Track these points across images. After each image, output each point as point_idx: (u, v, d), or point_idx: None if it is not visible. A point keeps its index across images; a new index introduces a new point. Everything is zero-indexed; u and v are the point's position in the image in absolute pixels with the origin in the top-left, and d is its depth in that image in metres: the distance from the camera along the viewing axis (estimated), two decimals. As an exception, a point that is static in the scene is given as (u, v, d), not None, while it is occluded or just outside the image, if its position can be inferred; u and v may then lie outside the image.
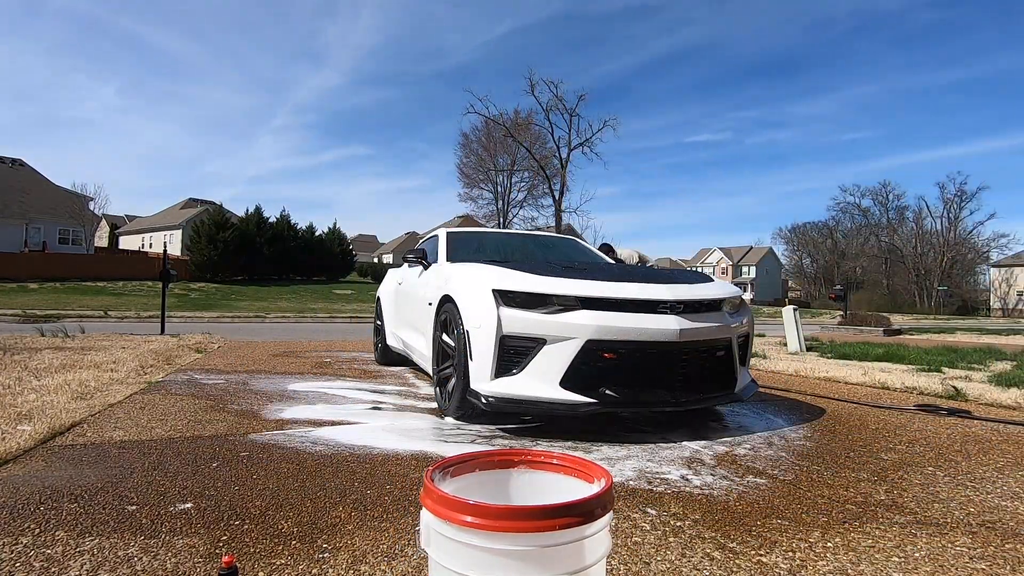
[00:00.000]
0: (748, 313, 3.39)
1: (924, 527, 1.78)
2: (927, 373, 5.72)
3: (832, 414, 3.61)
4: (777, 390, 4.57)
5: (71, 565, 1.43)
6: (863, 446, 2.81)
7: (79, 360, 5.20)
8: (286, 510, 1.84)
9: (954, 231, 56.90)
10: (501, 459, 1.14)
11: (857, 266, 61.04)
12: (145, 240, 47.25)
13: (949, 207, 56.69)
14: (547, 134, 37.12)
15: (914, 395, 4.37)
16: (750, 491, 2.12)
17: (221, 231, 33.69)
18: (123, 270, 32.57)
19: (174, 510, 1.82)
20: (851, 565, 1.51)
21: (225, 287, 30.66)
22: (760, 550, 1.60)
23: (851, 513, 1.90)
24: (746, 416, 3.52)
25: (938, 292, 52.05)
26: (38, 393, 3.59)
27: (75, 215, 38.22)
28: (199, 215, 41.07)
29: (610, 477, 1.02)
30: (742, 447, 2.77)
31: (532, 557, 0.89)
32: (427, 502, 0.96)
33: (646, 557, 1.55)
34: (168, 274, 10.36)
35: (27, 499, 1.88)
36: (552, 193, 36.60)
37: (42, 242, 36.66)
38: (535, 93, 36.83)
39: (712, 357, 3.07)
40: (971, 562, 1.54)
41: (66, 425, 2.87)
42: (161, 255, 14.05)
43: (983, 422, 3.38)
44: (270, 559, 1.49)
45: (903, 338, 12.74)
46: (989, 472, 2.40)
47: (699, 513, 1.89)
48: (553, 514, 0.89)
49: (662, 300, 2.93)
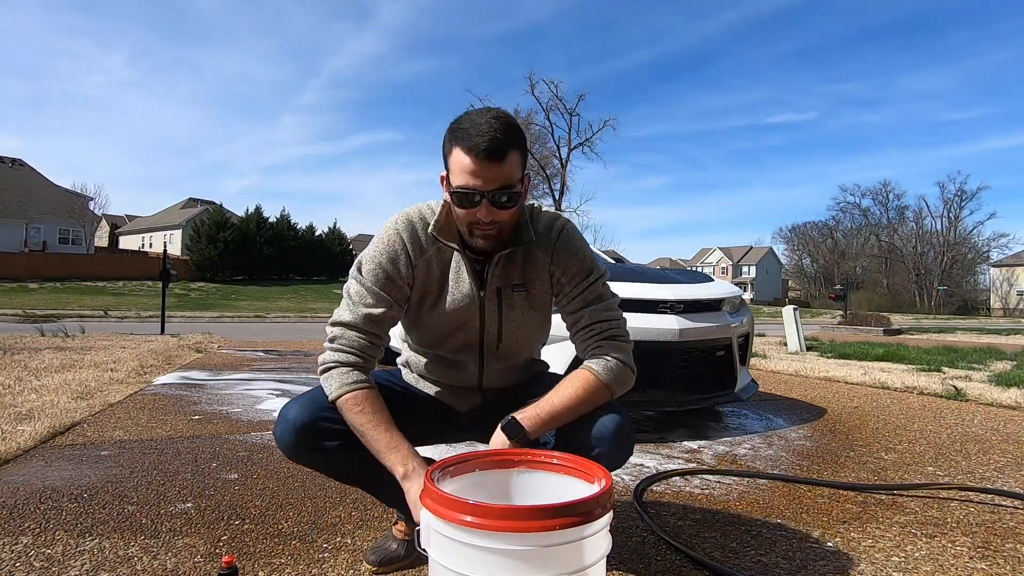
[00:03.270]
0: (748, 313, 3.39)
1: (924, 527, 1.78)
2: (927, 373, 5.73)
3: (832, 414, 3.61)
4: (777, 390, 4.57)
5: (71, 565, 1.43)
6: (863, 446, 2.81)
7: (79, 360, 5.20)
8: (286, 510, 1.84)
9: (954, 231, 56.93)
10: (501, 459, 1.14)
11: (857, 266, 61.07)
12: (145, 240, 47.26)
13: (949, 207, 56.75)
14: (547, 134, 37.13)
15: (914, 395, 4.37)
16: (750, 491, 2.12)
17: (221, 231, 33.74)
18: (123, 270, 32.60)
19: (174, 510, 1.82)
20: (851, 565, 1.51)
21: (225, 287, 30.68)
22: (760, 550, 1.60)
23: (851, 513, 1.90)
24: (746, 416, 3.52)
25: (938, 292, 52.05)
26: (38, 393, 3.59)
27: (75, 215, 38.22)
28: (199, 215, 41.11)
29: (610, 477, 1.01)
30: (742, 447, 2.77)
31: (532, 557, 0.89)
32: (427, 502, 0.95)
33: (646, 557, 1.55)
34: (168, 274, 10.37)
35: (27, 499, 1.88)
36: (552, 193, 36.59)
37: (42, 242, 36.67)
38: (535, 93, 36.92)
39: (712, 357, 3.07)
40: (971, 562, 1.54)
41: (66, 425, 2.87)
42: (161, 255, 14.05)
43: (983, 422, 3.38)
44: (270, 559, 1.49)
45: (903, 338, 12.75)
46: (989, 472, 2.40)
47: (699, 513, 1.89)
48: (553, 514, 0.89)
49: (662, 300, 2.93)
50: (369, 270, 1.31)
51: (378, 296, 1.30)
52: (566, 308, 1.39)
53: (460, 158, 1.20)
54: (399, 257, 1.32)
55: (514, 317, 1.39)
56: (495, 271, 1.34)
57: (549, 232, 1.37)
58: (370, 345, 1.29)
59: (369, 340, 1.29)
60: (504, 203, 1.22)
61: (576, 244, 1.39)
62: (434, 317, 1.38)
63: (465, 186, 1.20)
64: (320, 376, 1.28)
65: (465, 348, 1.41)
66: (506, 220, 1.26)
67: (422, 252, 1.34)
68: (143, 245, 46.52)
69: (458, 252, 1.34)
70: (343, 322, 1.29)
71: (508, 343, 1.41)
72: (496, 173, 1.19)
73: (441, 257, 1.35)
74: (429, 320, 1.39)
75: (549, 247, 1.37)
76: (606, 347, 1.32)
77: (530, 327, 1.43)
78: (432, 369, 1.47)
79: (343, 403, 1.22)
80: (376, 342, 1.30)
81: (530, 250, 1.37)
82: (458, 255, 1.35)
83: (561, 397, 1.25)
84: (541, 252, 1.37)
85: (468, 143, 1.18)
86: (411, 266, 1.33)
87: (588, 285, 1.37)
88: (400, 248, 1.32)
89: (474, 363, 1.42)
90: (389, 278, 1.31)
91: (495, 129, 1.18)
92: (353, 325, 1.28)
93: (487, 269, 1.34)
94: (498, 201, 1.21)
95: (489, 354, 1.42)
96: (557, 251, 1.37)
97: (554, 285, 1.40)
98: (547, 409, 1.23)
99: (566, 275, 1.37)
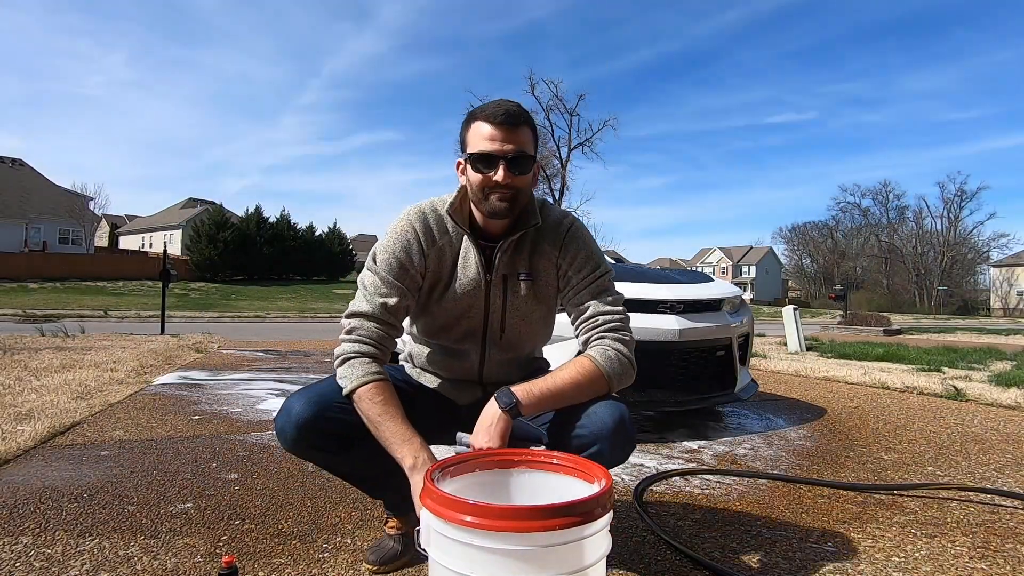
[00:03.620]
0: (748, 313, 3.39)
1: (924, 527, 1.78)
2: (927, 373, 5.72)
3: (832, 414, 3.61)
4: (777, 390, 4.57)
5: (71, 565, 1.43)
6: (863, 446, 2.81)
7: (79, 360, 5.20)
8: (286, 510, 1.84)
9: (954, 231, 56.91)
10: (501, 459, 1.14)
11: (857, 266, 61.06)
12: (145, 240, 47.25)
13: (949, 207, 56.74)
14: (547, 134, 37.10)
15: (914, 395, 4.37)
16: (750, 491, 2.12)
17: (221, 231, 33.72)
18: (123, 270, 32.59)
19: (174, 510, 1.82)
20: (851, 565, 1.51)
21: (225, 287, 30.68)
22: (760, 550, 1.60)
23: (851, 513, 1.90)
24: (746, 416, 3.52)
25: (938, 292, 52.04)
26: (38, 393, 3.59)
27: (75, 215, 38.21)
28: (199, 215, 41.10)
29: (610, 477, 1.01)
30: (742, 447, 2.77)
31: (532, 557, 0.89)
32: (427, 502, 0.95)
33: (646, 557, 1.55)
34: (168, 274, 10.37)
35: (27, 499, 1.88)
36: (552, 193, 36.56)
37: (42, 242, 36.66)
38: (535, 93, 36.84)
39: (712, 357, 3.07)
40: (971, 562, 1.54)
41: (66, 425, 2.87)
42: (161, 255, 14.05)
43: (983, 422, 3.39)
44: (270, 559, 1.49)
45: (903, 338, 12.75)
46: (989, 472, 2.40)
47: (699, 513, 1.89)
48: (553, 514, 0.89)
49: (662, 300, 2.93)
50: (383, 259, 1.35)
51: (392, 285, 1.33)
52: (572, 300, 1.41)
53: (479, 128, 1.29)
54: (412, 246, 1.36)
55: (518, 305, 1.41)
56: (503, 257, 1.37)
57: (559, 226, 1.42)
58: (387, 336, 1.32)
59: (386, 331, 1.31)
60: (519, 169, 1.29)
61: (586, 239, 1.43)
62: (442, 304, 1.41)
63: (484, 151, 1.27)
64: (337, 367, 1.29)
65: (468, 336, 1.43)
66: (521, 188, 1.31)
67: (434, 242, 1.38)
68: (143, 245, 46.51)
69: (468, 238, 1.37)
70: (361, 312, 1.31)
71: (511, 333, 1.43)
72: (513, 139, 1.28)
73: (452, 246, 1.39)
74: (437, 308, 1.42)
75: (558, 240, 1.41)
76: (608, 339, 1.34)
77: (533, 318, 1.45)
78: (434, 360, 1.49)
79: (361, 393, 1.23)
80: (392, 333, 1.33)
81: (538, 241, 1.40)
82: (468, 242, 1.38)
83: (557, 378, 1.27)
84: (549, 244, 1.41)
85: (486, 113, 1.29)
86: (423, 255, 1.37)
87: (596, 278, 1.40)
88: (413, 238, 1.36)
89: (476, 352, 1.44)
90: (403, 267, 1.34)
91: (511, 105, 1.30)
92: (371, 315, 1.31)
93: (495, 255, 1.37)
94: (514, 165, 1.28)
95: (492, 343, 1.44)
96: (566, 244, 1.41)
97: (560, 278, 1.42)
98: (541, 387, 1.24)
99: (573, 267, 1.40)
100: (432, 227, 1.37)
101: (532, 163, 1.32)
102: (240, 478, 2.15)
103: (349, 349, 1.28)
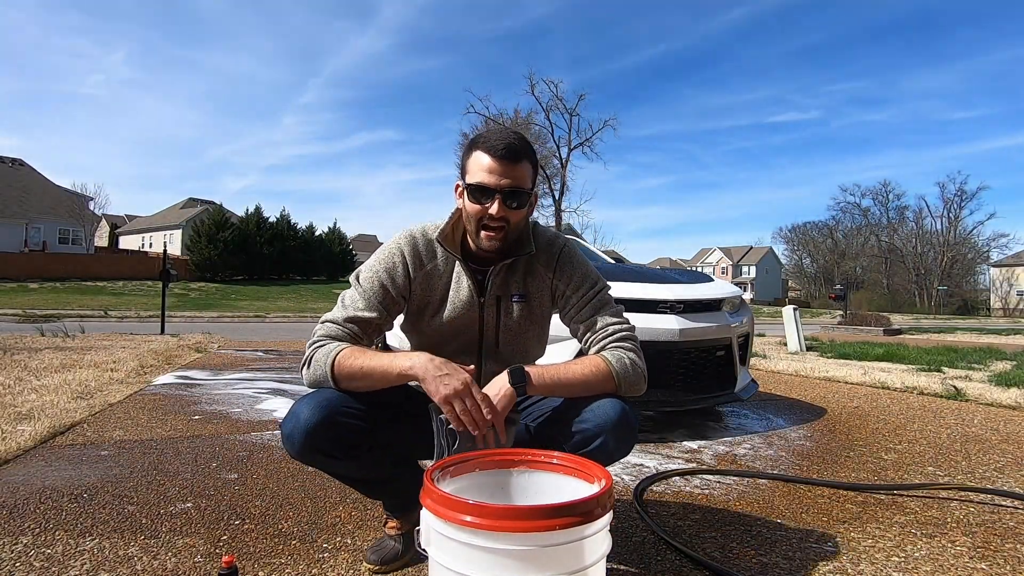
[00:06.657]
0: (748, 313, 3.39)
1: (924, 527, 1.78)
2: (927, 373, 5.72)
3: (832, 414, 3.61)
4: (777, 390, 4.57)
5: (71, 565, 1.43)
6: (863, 446, 2.81)
7: (79, 360, 5.20)
8: (286, 510, 1.84)
9: (954, 231, 56.89)
10: (501, 459, 1.14)
11: (857, 266, 61.04)
12: (145, 240, 47.22)
13: (949, 207, 56.73)
14: (547, 134, 37.06)
15: (914, 395, 4.37)
16: (750, 491, 2.12)
17: (221, 231, 33.70)
18: (123, 270, 32.56)
19: (174, 510, 1.82)
20: (851, 565, 1.51)
21: (225, 287, 30.67)
22: (760, 550, 1.60)
23: (851, 513, 1.90)
24: (746, 416, 3.52)
25: (938, 292, 52.01)
26: (38, 393, 3.59)
27: (75, 215, 38.18)
28: (199, 215, 41.07)
29: (610, 477, 1.01)
30: (742, 447, 2.77)
31: (532, 557, 0.89)
32: (427, 502, 0.96)
33: (646, 557, 1.55)
34: (168, 274, 10.37)
35: (27, 499, 1.88)
36: (552, 193, 36.55)
37: (42, 242, 36.63)
38: (535, 93, 36.80)
39: (712, 357, 3.07)
40: (971, 562, 1.54)
41: (66, 425, 2.87)
42: (161, 255, 14.05)
43: (983, 422, 3.39)
44: (270, 559, 1.49)
45: (903, 338, 12.74)
46: (989, 472, 2.40)
47: (699, 513, 1.89)
48: (553, 514, 0.89)
49: (662, 300, 2.93)
50: (366, 278, 1.38)
51: (370, 303, 1.35)
52: (575, 317, 1.43)
53: (479, 158, 1.30)
54: (397, 269, 1.38)
55: (511, 326, 1.44)
56: (495, 280, 1.40)
57: (551, 248, 1.45)
58: (352, 338, 1.32)
59: (351, 335, 1.32)
60: (515, 203, 1.31)
61: (579, 259, 1.47)
62: (434, 325, 1.43)
63: (481, 183, 1.29)
64: (305, 368, 1.29)
65: (464, 351, 1.45)
66: (514, 222, 1.33)
67: (422, 266, 1.40)
68: (143, 245, 46.48)
69: (459, 263, 1.40)
70: (332, 319, 1.34)
71: (506, 351, 1.46)
72: (510, 173, 1.29)
73: (443, 270, 1.41)
74: (429, 329, 1.44)
75: (551, 262, 1.44)
76: (622, 347, 1.36)
77: (527, 337, 1.48)
78: None
79: (340, 361, 1.24)
80: (357, 341, 1.33)
81: (531, 263, 1.43)
82: (459, 266, 1.40)
83: (569, 370, 1.29)
84: (543, 266, 1.44)
85: (488, 145, 1.30)
86: (408, 279, 1.39)
87: (596, 294, 1.43)
88: (399, 261, 1.39)
89: (473, 363, 1.44)
90: (384, 288, 1.37)
91: (513, 137, 1.32)
92: (341, 322, 1.33)
93: (487, 279, 1.40)
94: (509, 199, 1.29)
95: (488, 355, 1.46)
96: (560, 266, 1.44)
97: (557, 298, 1.46)
98: (553, 374, 1.28)
99: (571, 286, 1.43)
100: (421, 251, 1.40)
101: (528, 197, 1.34)
102: (240, 478, 2.15)
103: (314, 343, 1.30)
